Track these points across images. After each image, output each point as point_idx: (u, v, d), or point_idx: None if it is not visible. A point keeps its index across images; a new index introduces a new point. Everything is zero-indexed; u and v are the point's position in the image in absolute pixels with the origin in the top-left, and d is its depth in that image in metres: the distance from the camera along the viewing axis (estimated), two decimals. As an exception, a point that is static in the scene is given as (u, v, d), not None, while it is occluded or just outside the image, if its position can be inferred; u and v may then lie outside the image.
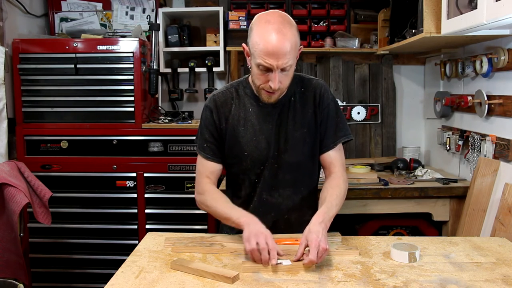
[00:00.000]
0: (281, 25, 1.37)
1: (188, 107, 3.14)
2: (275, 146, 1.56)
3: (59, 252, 2.71)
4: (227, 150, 1.60)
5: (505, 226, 1.87)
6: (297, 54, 1.44)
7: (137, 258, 1.39)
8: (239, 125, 1.57)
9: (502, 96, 2.10)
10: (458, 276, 1.23)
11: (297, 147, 1.56)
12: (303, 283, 1.20)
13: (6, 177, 2.05)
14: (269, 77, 1.41)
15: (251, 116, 1.56)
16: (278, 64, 1.37)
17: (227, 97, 1.59)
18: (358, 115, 3.04)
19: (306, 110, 1.58)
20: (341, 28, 2.99)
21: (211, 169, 1.59)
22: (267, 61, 1.37)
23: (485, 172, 2.13)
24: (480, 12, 1.65)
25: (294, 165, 1.57)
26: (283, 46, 1.35)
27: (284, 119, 1.56)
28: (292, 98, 1.57)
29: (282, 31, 1.36)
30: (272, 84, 1.41)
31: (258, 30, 1.39)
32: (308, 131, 1.57)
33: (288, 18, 1.42)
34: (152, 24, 2.77)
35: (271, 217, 1.61)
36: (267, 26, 1.37)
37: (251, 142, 1.56)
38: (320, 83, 1.61)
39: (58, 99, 2.66)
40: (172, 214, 2.67)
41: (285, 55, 1.36)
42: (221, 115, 1.57)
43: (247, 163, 1.57)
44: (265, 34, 1.36)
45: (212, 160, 1.59)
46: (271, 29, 1.36)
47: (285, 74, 1.42)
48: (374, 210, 2.44)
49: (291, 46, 1.37)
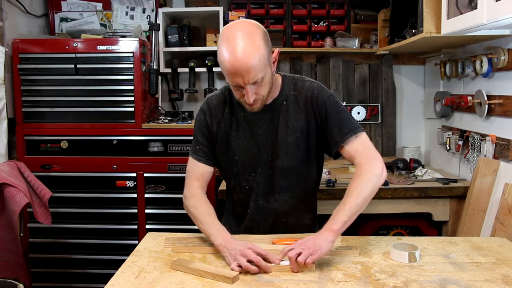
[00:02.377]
0: (242, 41, 1.30)
1: (188, 107, 3.14)
2: (267, 152, 1.53)
3: (59, 252, 2.71)
4: (219, 154, 1.58)
5: (505, 226, 1.87)
6: (269, 62, 1.38)
7: (137, 258, 1.39)
8: (231, 130, 1.55)
9: (502, 96, 2.10)
10: (458, 276, 1.23)
11: (290, 152, 1.52)
12: (303, 283, 1.20)
13: (6, 177, 2.05)
14: (243, 92, 1.38)
15: (243, 121, 1.54)
16: (244, 81, 1.33)
17: (220, 100, 1.58)
18: (358, 115, 3.04)
19: (299, 114, 1.52)
20: (341, 28, 2.99)
21: (201, 172, 1.58)
22: (233, 80, 1.35)
23: (485, 172, 2.13)
24: (480, 12, 1.65)
25: (288, 170, 1.54)
26: (245, 63, 1.30)
27: (276, 124, 1.53)
28: (284, 102, 1.53)
29: (243, 48, 1.30)
30: (247, 99, 1.38)
31: (221, 49, 1.34)
32: (301, 135, 1.52)
33: (250, 29, 1.34)
34: (152, 24, 2.77)
35: (269, 222, 1.60)
36: (228, 44, 1.31)
37: (242, 147, 1.54)
38: (313, 85, 1.54)
39: (58, 99, 2.66)
40: (172, 214, 2.67)
41: (249, 71, 1.31)
42: (213, 118, 1.57)
43: (237, 168, 1.56)
44: (226, 54, 1.31)
45: (204, 162, 1.57)
46: (231, 48, 1.30)
47: (260, 85, 1.38)
48: (374, 210, 2.44)
49: (255, 60, 1.31)
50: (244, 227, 1.63)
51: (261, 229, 1.60)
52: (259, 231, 1.60)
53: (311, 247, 1.26)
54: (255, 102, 1.41)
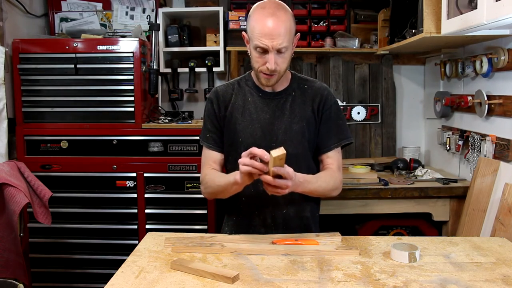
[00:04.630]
0: (275, 10, 1.46)
1: (188, 107, 3.14)
2: (270, 136, 1.59)
3: (59, 252, 2.70)
4: (226, 137, 1.64)
5: (505, 226, 1.87)
6: (293, 40, 1.52)
7: (137, 258, 1.39)
8: (238, 113, 1.62)
9: (502, 96, 2.10)
10: (458, 276, 1.23)
11: (295, 139, 1.59)
12: (303, 283, 1.20)
13: (6, 177, 2.05)
14: (266, 59, 1.48)
15: (250, 105, 1.62)
16: (273, 44, 1.44)
17: (228, 88, 1.68)
18: (358, 115, 3.04)
19: (306, 106, 1.62)
20: (341, 28, 2.99)
21: (213, 158, 1.65)
22: (262, 42, 1.45)
23: (485, 172, 2.13)
24: (480, 12, 1.65)
25: (293, 156, 1.56)
26: (277, 27, 1.44)
27: (282, 110, 1.60)
28: (293, 92, 1.64)
29: (276, 14, 1.45)
30: (269, 65, 1.47)
31: (254, 15, 1.49)
32: (307, 125, 1.60)
33: (283, 5, 1.50)
34: (152, 24, 2.77)
35: (269, 211, 1.62)
36: (262, 11, 1.47)
37: (247, 130, 1.60)
38: (324, 86, 1.67)
39: (58, 99, 2.66)
40: (172, 214, 2.66)
41: (279, 35, 1.44)
42: (221, 104, 1.64)
43: (241, 150, 1.56)
44: (261, 18, 1.46)
45: (214, 149, 1.65)
46: (266, 13, 1.46)
47: (281, 57, 1.49)
48: (374, 210, 2.44)
49: (285, 28, 1.45)
50: (244, 214, 1.65)
51: (261, 218, 1.62)
52: (259, 220, 1.62)
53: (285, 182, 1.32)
54: (274, 73, 1.50)
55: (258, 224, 1.63)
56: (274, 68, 1.48)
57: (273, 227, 1.62)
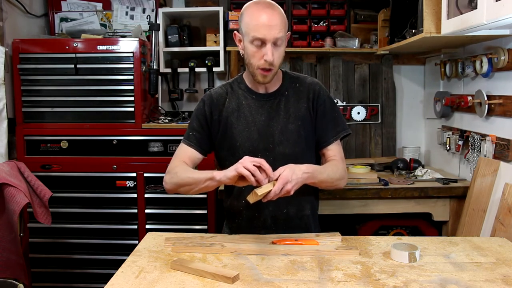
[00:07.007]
0: (269, 4, 1.50)
1: (188, 107, 3.14)
2: (267, 138, 1.59)
3: (59, 252, 2.71)
4: (220, 142, 1.63)
5: (505, 226, 1.87)
6: (286, 33, 1.53)
7: (137, 258, 1.39)
8: (233, 117, 1.61)
9: (502, 96, 2.10)
10: (458, 276, 1.23)
11: (291, 139, 1.59)
12: (303, 283, 1.20)
13: (6, 177, 2.05)
14: (263, 52, 1.48)
15: (244, 109, 1.61)
16: (270, 34, 1.46)
17: (221, 92, 1.67)
18: (358, 115, 3.04)
19: (300, 104, 1.62)
20: (341, 28, 2.99)
21: (189, 155, 1.61)
22: (260, 32, 1.46)
23: (485, 172, 2.13)
24: (480, 12, 1.65)
25: (290, 157, 1.56)
26: (273, 18, 1.46)
27: (277, 111, 1.60)
28: (286, 92, 1.64)
29: (271, 7, 1.49)
30: (267, 56, 1.47)
31: (249, 10, 1.51)
32: (302, 124, 1.60)
33: (274, 3, 1.53)
34: (152, 24, 2.77)
35: (269, 211, 1.62)
36: (257, 6, 1.50)
37: (243, 133, 1.59)
38: (315, 81, 1.67)
39: (58, 99, 2.66)
40: (172, 214, 2.67)
41: (276, 25, 1.46)
42: (214, 107, 1.63)
43: (239, 154, 1.57)
44: (256, 11, 1.48)
45: (194, 148, 1.62)
46: (261, 7, 1.49)
47: (277, 51, 1.50)
48: (374, 210, 2.44)
49: (281, 20, 1.48)
50: (245, 217, 1.65)
51: (261, 219, 1.62)
52: (259, 222, 1.62)
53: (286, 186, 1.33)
54: (271, 67, 1.50)
55: (258, 226, 1.63)
56: (272, 60, 1.47)
57: (273, 228, 1.62)
